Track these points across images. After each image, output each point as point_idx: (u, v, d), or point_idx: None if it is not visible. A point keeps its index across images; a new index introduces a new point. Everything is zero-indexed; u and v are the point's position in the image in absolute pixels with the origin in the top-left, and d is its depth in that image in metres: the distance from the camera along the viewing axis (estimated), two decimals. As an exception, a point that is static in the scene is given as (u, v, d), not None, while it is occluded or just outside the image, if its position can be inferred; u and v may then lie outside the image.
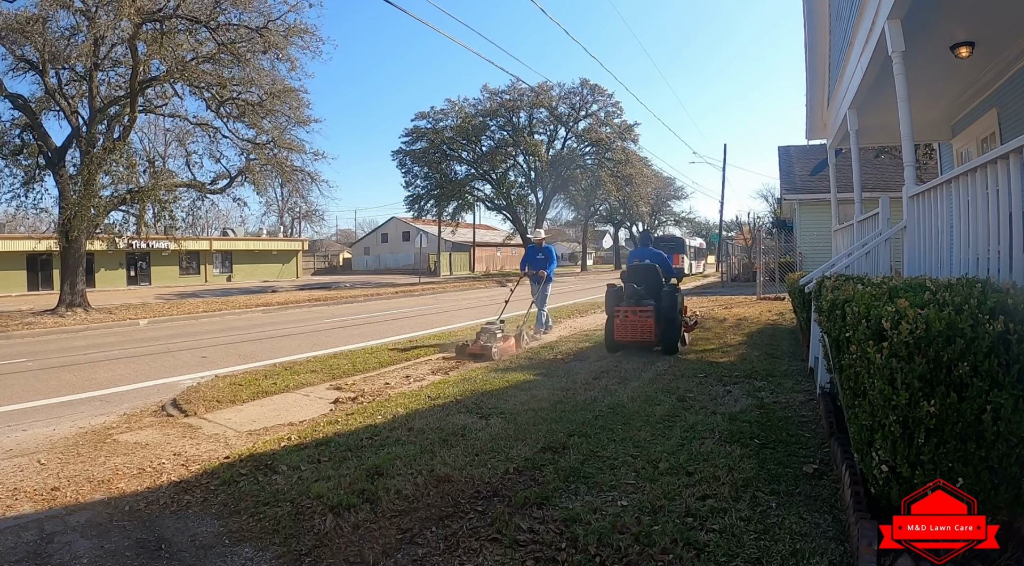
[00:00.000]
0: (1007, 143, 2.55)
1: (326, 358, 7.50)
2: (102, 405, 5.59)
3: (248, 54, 14.87)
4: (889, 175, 16.95)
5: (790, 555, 2.29)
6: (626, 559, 2.33)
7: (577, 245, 65.64)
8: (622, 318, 7.07)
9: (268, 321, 14.06)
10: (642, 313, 6.99)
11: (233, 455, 3.80)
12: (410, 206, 39.30)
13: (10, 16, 13.09)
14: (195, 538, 2.68)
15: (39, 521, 2.91)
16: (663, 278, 7.36)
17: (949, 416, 1.87)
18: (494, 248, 55.48)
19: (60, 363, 8.21)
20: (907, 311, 1.93)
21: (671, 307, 7.04)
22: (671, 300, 7.08)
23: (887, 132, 8.30)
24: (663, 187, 56.28)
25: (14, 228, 31.20)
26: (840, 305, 2.47)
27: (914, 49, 4.82)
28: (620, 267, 46.78)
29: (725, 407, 4.52)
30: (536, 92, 36.09)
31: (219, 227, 37.64)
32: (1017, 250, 2.53)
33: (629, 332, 7.03)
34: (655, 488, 2.98)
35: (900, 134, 4.33)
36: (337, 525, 2.70)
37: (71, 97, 14.86)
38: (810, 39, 9.04)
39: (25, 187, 15.08)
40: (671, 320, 7.02)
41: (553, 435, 3.91)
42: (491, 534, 2.58)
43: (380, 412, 4.73)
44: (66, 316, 13.74)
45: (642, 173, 39.32)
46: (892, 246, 4.77)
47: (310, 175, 18.44)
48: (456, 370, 6.52)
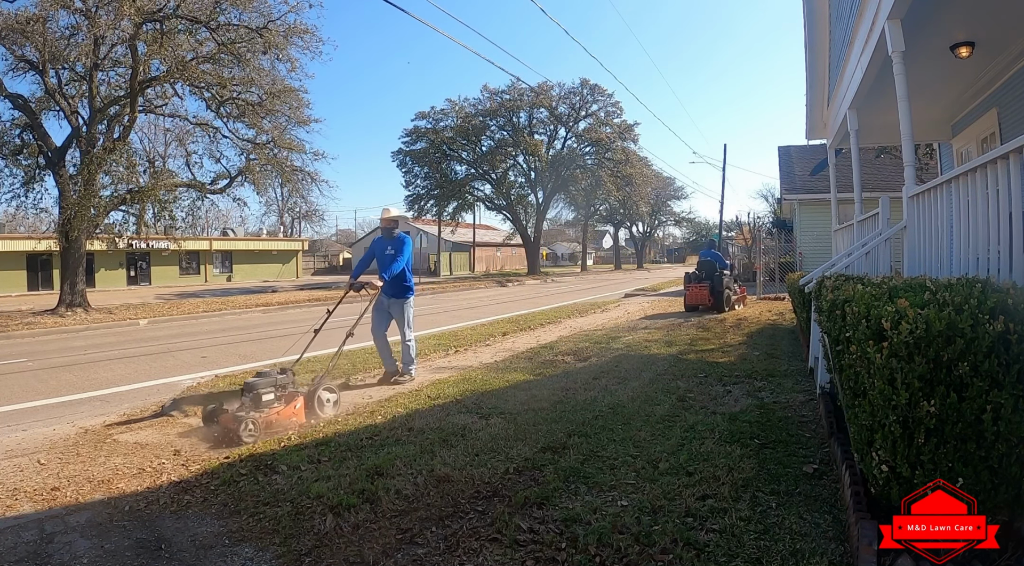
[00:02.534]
0: (1007, 143, 2.54)
1: (326, 358, 7.48)
2: (102, 405, 5.59)
3: (248, 54, 14.88)
4: (889, 175, 16.94)
5: (790, 555, 2.29)
6: (626, 559, 2.33)
7: (577, 245, 65.68)
8: (690, 291, 12.15)
9: (268, 321, 14.06)
10: (701, 288, 11.90)
11: (233, 455, 3.80)
12: (410, 206, 39.31)
13: (10, 16, 13.10)
14: (195, 538, 2.68)
15: (39, 521, 2.91)
16: (717, 268, 11.98)
17: (949, 416, 1.87)
18: (494, 248, 55.48)
19: (60, 363, 8.21)
20: (907, 311, 1.93)
21: (719, 285, 11.76)
22: (719, 282, 11.79)
23: (887, 132, 8.30)
24: (663, 187, 56.36)
25: (14, 228, 31.17)
26: (840, 305, 2.47)
27: (914, 49, 4.82)
28: (620, 267, 57.39)
29: (725, 407, 4.52)
30: (536, 92, 36.09)
31: (219, 227, 37.60)
32: (1017, 250, 2.53)
33: (695, 299, 12.00)
34: (655, 488, 2.98)
35: (900, 134, 4.33)
36: (337, 525, 2.70)
37: (71, 97, 14.85)
38: (810, 39, 9.04)
39: (25, 187, 15.09)
40: (719, 293, 11.73)
41: (553, 435, 3.91)
42: (491, 534, 2.58)
43: (380, 412, 4.74)
44: (66, 316, 13.74)
45: (642, 173, 39.35)
46: (892, 246, 4.77)
47: (310, 175, 18.46)
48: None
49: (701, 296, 11.82)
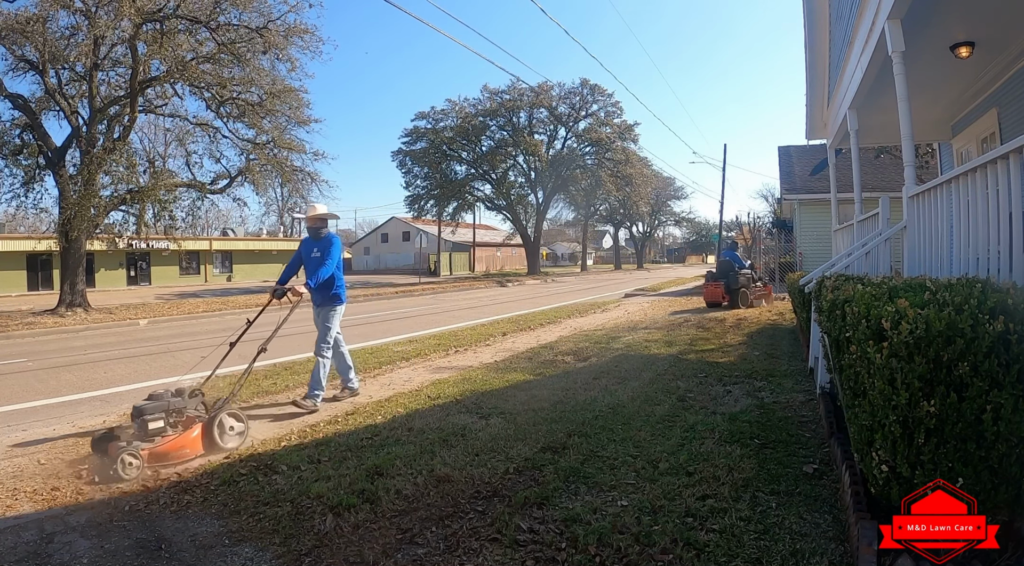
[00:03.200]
0: (1007, 143, 2.54)
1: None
2: (102, 405, 5.59)
3: (248, 54, 14.88)
4: (889, 175, 16.94)
5: (790, 555, 2.29)
6: (626, 559, 2.33)
7: (577, 245, 65.70)
8: (707, 289, 13.11)
9: (267, 321, 14.03)
10: (717, 286, 12.78)
11: (233, 455, 3.80)
12: (410, 206, 39.33)
13: (10, 16, 13.10)
14: (195, 538, 2.68)
15: (39, 521, 2.91)
16: (734, 268, 12.80)
17: (949, 416, 1.87)
18: (494, 248, 55.50)
19: (60, 363, 8.20)
20: (907, 311, 1.93)
21: (734, 283, 12.53)
22: (735, 280, 12.56)
23: (887, 132, 8.31)
24: (663, 187, 56.43)
25: (14, 228, 31.20)
26: (840, 305, 2.47)
27: (914, 49, 4.82)
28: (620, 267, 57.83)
29: (725, 407, 4.52)
30: (536, 92, 36.10)
31: (219, 227, 37.66)
32: (1017, 250, 2.53)
33: (711, 296, 12.84)
34: (655, 488, 2.98)
35: (900, 134, 4.33)
36: (337, 525, 2.70)
37: (71, 97, 14.86)
38: (810, 39, 9.04)
39: (25, 187, 15.09)
40: (734, 291, 12.51)
41: (553, 435, 3.91)
42: (491, 534, 2.58)
43: (380, 412, 4.74)
44: (66, 316, 13.75)
45: (642, 173, 39.34)
46: (892, 246, 4.77)
47: (310, 175, 18.46)
48: (452, 372, 6.51)
49: (716, 294, 12.75)
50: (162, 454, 3.67)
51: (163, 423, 3.82)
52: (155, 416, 3.80)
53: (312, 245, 5.29)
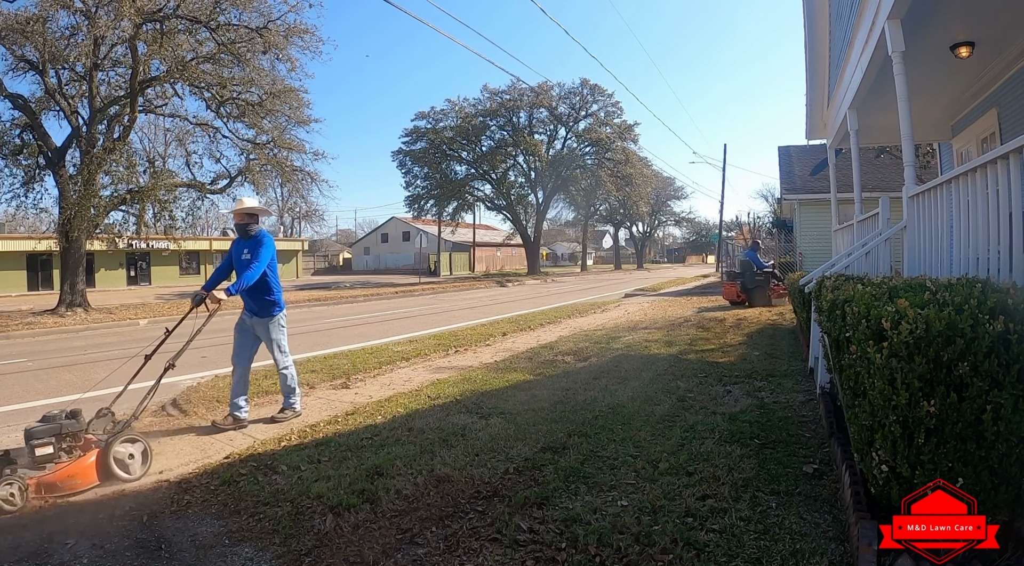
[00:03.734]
0: (1007, 143, 2.54)
1: (325, 358, 7.50)
2: (101, 405, 5.57)
3: (248, 54, 14.89)
4: (889, 175, 16.93)
5: (790, 555, 2.29)
6: (626, 559, 2.33)
7: (577, 245, 65.71)
8: (726, 287, 14.00)
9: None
10: (733, 285, 13.52)
11: (233, 455, 3.80)
12: (410, 206, 39.33)
13: (10, 16, 13.11)
14: (195, 538, 2.68)
15: (39, 521, 2.91)
16: (753, 267, 13.28)
17: (949, 416, 1.87)
18: (494, 248, 55.50)
19: (60, 363, 8.20)
20: (907, 311, 1.93)
21: (750, 283, 13.15)
22: (751, 279, 13.17)
23: (887, 132, 8.30)
24: (663, 187, 56.46)
25: (14, 228, 31.17)
26: (840, 305, 2.47)
27: (914, 49, 4.82)
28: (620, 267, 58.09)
29: (725, 407, 4.52)
30: (536, 92, 36.10)
31: (219, 227, 37.69)
32: (1017, 250, 2.53)
33: (729, 294, 13.61)
34: (655, 488, 2.98)
35: (900, 134, 4.33)
36: (337, 525, 2.70)
37: (71, 97, 14.87)
38: (810, 39, 9.04)
39: (25, 187, 15.09)
40: (749, 290, 13.11)
41: (553, 435, 3.91)
42: (491, 534, 2.58)
43: (380, 412, 4.74)
44: (66, 316, 13.74)
45: (642, 173, 39.34)
46: (892, 246, 4.77)
47: (310, 175, 18.48)
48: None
49: (732, 292, 13.54)
50: (51, 484, 3.24)
51: (53, 448, 3.37)
52: (43, 442, 3.34)
53: (242, 246, 4.65)
